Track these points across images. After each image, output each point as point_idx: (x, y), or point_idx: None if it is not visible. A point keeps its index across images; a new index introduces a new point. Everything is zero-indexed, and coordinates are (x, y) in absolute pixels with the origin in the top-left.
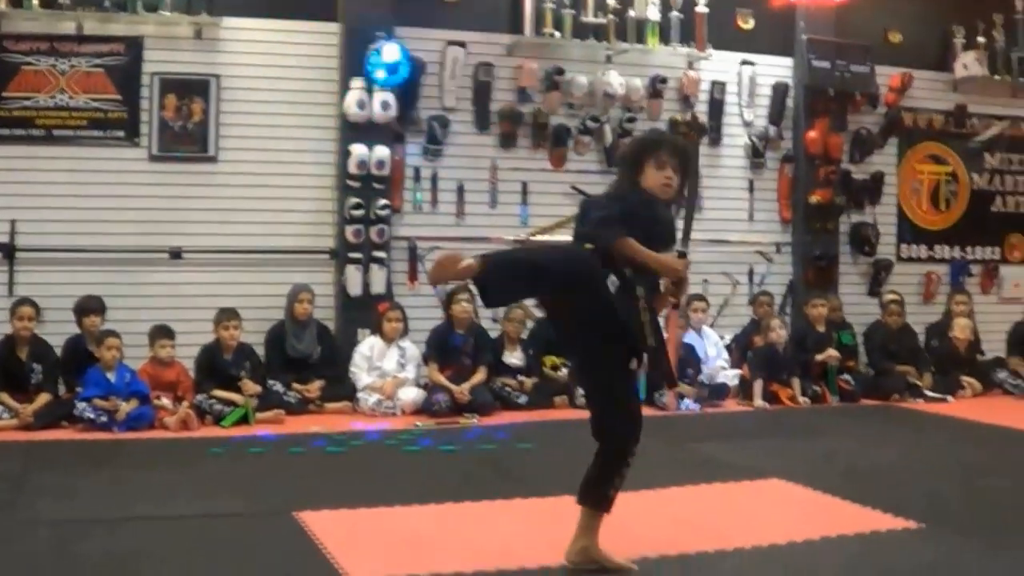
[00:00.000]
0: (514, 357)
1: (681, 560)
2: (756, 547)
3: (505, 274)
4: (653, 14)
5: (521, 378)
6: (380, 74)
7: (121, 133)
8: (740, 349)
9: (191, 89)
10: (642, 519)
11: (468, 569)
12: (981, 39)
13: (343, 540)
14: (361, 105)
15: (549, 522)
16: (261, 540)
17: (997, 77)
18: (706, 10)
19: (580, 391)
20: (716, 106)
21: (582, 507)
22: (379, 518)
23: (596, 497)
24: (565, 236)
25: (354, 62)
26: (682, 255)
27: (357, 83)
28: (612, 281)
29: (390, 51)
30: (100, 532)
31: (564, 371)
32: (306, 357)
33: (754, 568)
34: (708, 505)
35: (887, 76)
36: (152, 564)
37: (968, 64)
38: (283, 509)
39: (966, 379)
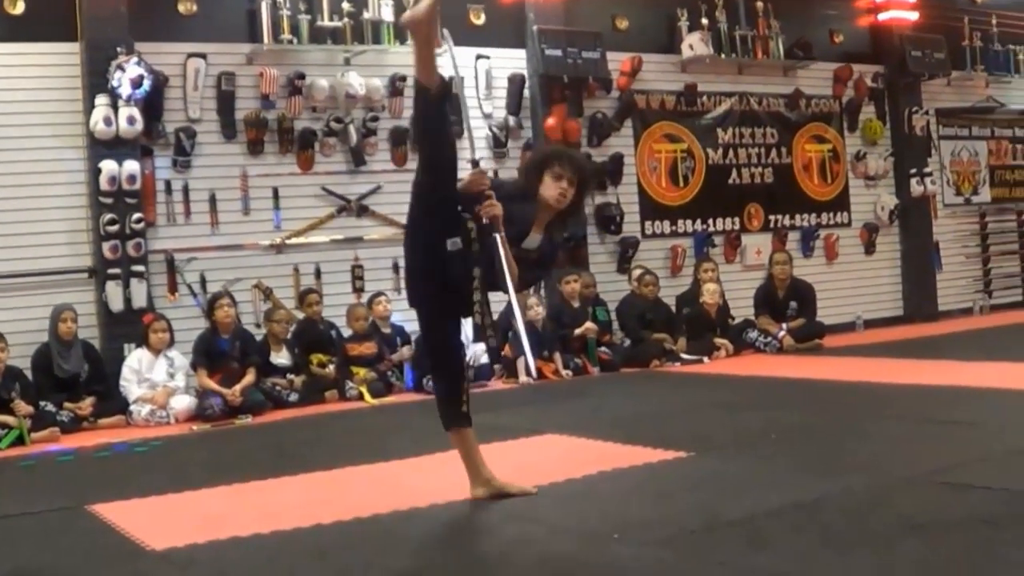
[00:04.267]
0: (281, 357)
1: (464, 503)
2: (536, 486)
3: None
4: (388, 15)
5: (290, 376)
6: (124, 86)
7: None
8: (500, 331)
9: None
10: (424, 475)
11: (266, 530)
12: (704, 20)
13: (139, 522)
14: (108, 122)
15: (335, 489)
16: (59, 530)
17: (723, 56)
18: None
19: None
20: (455, 99)
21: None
22: (173, 502)
23: None
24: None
25: (97, 80)
26: (475, 163)
27: (102, 100)
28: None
29: (131, 67)
30: None
31: (331, 367)
32: (75, 376)
33: (535, 501)
34: (487, 460)
35: (618, 61)
36: None
37: (694, 45)
38: (74, 505)
39: (719, 340)
